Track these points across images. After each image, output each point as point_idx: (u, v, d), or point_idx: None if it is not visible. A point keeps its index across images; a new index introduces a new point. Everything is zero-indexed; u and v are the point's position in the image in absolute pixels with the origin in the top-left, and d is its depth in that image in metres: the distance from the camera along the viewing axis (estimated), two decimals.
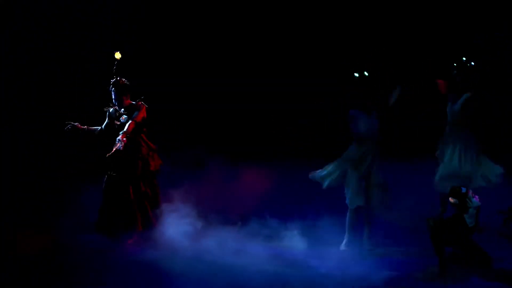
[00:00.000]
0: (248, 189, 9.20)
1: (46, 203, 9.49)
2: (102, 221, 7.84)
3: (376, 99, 7.52)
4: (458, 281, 6.49)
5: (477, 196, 6.90)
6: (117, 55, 7.86)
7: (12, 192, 9.97)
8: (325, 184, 7.65)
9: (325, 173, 7.64)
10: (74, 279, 6.66)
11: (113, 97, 7.87)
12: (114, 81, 7.83)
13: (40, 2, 11.77)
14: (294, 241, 7.75)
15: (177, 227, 7.89)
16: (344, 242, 7.63)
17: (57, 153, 11.41)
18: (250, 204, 8.89)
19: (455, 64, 8.15)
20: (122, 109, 7.87)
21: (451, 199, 6.88)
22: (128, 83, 7.90)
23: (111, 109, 7.98)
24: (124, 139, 7.36)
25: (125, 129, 7.54)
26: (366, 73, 7.38)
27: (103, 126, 8.06)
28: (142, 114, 7.78)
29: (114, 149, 7.31)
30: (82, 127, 7.89)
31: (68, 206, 9.26)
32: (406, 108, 7.78)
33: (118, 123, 7.85)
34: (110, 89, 7.86)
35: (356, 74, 7.40)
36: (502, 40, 12.32)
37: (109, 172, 7.86)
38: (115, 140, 7.38)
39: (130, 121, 7.66)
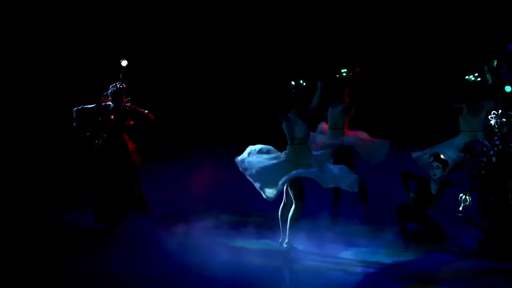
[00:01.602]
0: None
1: (46, 203, 9.50)
2: (101, 211, 8.22)
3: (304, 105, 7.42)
4: (419, 255, 7.18)
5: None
6: (124, 63, 8.29)
7: (12, 192, 9.97)
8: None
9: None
10: (72, 277, 6.67)
11: (116, 100, 8.22)
12: (122, 87, 8.22)
13: (40, 2, 11.79)
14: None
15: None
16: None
17: (57, 153, 11.42)
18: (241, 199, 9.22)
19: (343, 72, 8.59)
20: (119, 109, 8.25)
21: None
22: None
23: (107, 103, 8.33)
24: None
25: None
26: (303, 82, 7.44)
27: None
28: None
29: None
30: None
31: (68, 206, 9.31)
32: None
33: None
34: (116, 93, 8.20)
35: (293, 82, 7.45)
36: (502, 40, 12.31)
37: (107, 169, 8.25)
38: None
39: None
